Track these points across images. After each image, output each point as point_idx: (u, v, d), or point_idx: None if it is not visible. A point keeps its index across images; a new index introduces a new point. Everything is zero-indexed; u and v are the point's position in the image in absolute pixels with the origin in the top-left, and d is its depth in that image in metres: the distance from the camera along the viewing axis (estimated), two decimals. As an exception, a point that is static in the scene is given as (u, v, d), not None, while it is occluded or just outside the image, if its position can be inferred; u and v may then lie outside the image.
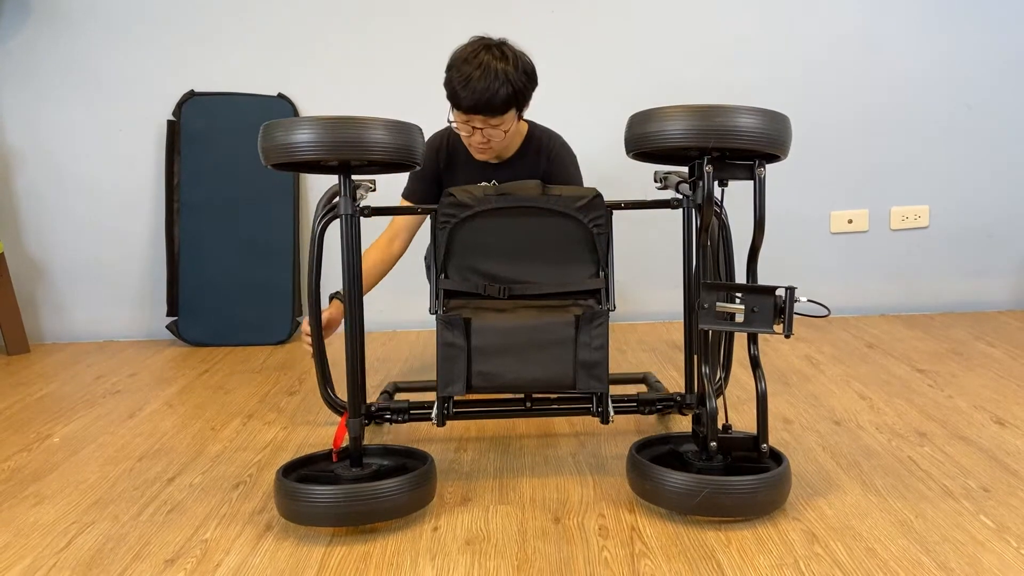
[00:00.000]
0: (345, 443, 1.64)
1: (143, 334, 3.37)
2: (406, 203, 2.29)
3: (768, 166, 1.56)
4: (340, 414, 1.67)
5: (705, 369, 1.59)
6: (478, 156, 2.13)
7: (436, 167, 2.24)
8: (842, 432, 1.95)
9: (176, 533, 1.55)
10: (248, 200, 3.21)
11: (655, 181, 1.86)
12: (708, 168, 1.52)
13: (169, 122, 3.22)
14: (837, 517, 1.51)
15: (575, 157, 2.28)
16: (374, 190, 1.77)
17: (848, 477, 1.69)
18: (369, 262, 2.23)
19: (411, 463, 1.64)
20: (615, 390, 2.53)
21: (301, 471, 1.62)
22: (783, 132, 1.48)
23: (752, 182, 1.55)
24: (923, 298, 3.29)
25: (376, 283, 2.31)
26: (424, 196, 2.27)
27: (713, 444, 1.55)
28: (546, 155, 2.21)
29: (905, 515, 1.51)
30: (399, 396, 2.25)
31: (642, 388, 2.24)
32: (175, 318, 3.20)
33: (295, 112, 3.20)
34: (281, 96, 3.21)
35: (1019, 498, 1.56)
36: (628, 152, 1.61)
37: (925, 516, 1.50)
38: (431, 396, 1.91)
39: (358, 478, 1.58)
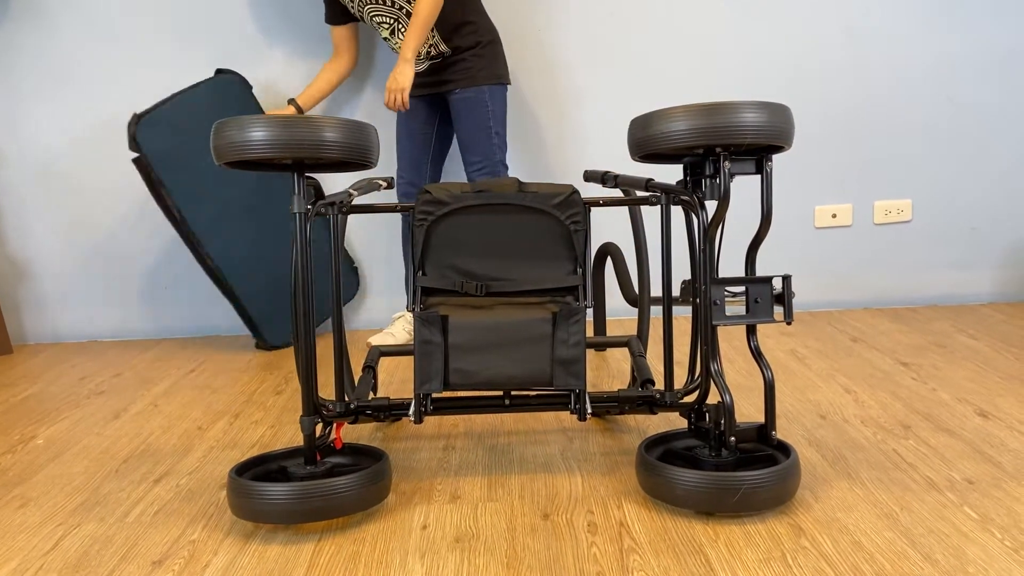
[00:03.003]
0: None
1: (127, 334, 3.35)
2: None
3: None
4: (323, 416, 1.67)
5: (714, 366, 1.60)
6: None
7: None
8: (827, 426, 1.97)
9: (163, 534, 1.54)
10: (257, 197, 3.03)
11: (602, 183, 1.87)
12: (727, 164, 1.54)
13: (134, 161, 2.83)
14: (823, 510, 1.52)
15: None
16: (389, 187, 1.83)
17: (834, 471, 1.70)
18: (321, 79, 2.96)
19: (366, 461, 1.66)
20: (600, 355, 2.56)
21: (255, 470, 1.63)
22: (787, 123, 1.51)
23: (760, 176, 1.59)
24: (907, 291, 3.31)
25: (326, 95, 3.01)
26: (333, 19, 2.89)
27: (732, 439, 1.57)
28: None
29: (890, 508, 1.52)
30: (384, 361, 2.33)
31: (625, 352, 2.23)
32: (256, 334, 3.04)
33: (246, 85, 3.03)
34: (221, 71, 3.01)
35: (1003, 490, 1.57)
36: (634, 156, 1.63)
37: (910, 508, 1.51)
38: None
39: (311, 475, 1.59)
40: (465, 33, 2.70)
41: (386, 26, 2.72)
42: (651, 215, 3.23)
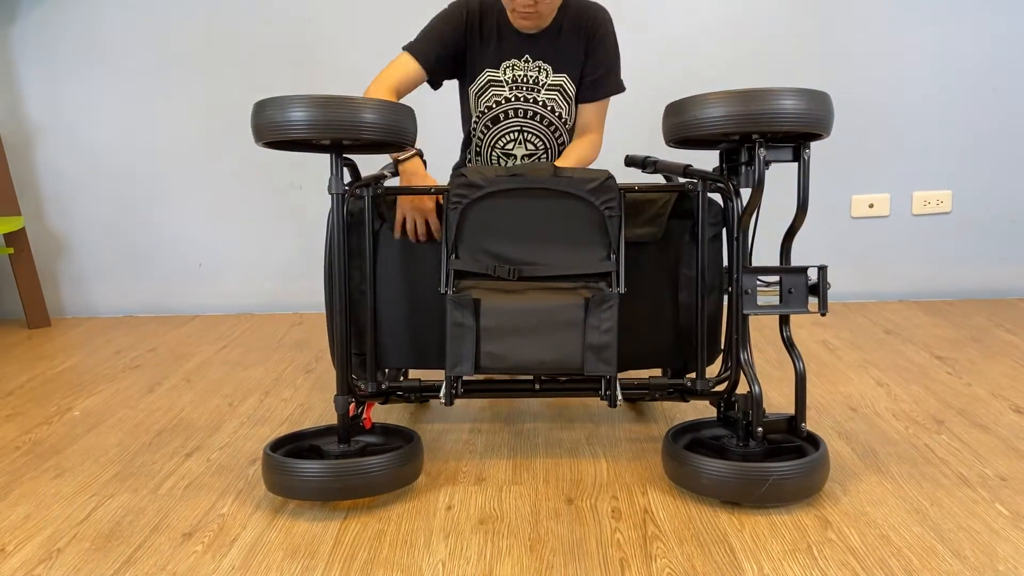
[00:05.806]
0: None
1: (162, 310, 3.40)
2: (405, 55, 1.98)
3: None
4: (356, 396, 1.69)
5: (744, 355, 1.59)
6: (522, 22, 1.97)
7: (463, 36, 2.01)
8: (858, 418, 1.94)
9: (194, 507, 1.57)
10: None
11: (643, 168, 1.84)
12: (761, 152, 1.52)
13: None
14: (851, 503, 1.51)
15: (617, 40, 2.07)
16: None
17: (863, 464, 1.68)
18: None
19: (398, 441, 1.67)
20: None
21: (288, 447, 1.65)
22: (826, 111, 1.48)
23: (797, 163, 1.57)
24: (943, 284, 3.26)
25: None
26: (431, 60, 1.98)
27: (760, 430, 1.56)
28: (589, 33, 2.03)
29: (920, 502, 1.50)
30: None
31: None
32: None
33: None
34: None
35: (1036, 487, 1.55)
36: (668, 141, 1.60)
37: (940, 504, 1.49)
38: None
39: (344, 454, 1.61)
40: None
41: (522, 145, 2.12)
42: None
